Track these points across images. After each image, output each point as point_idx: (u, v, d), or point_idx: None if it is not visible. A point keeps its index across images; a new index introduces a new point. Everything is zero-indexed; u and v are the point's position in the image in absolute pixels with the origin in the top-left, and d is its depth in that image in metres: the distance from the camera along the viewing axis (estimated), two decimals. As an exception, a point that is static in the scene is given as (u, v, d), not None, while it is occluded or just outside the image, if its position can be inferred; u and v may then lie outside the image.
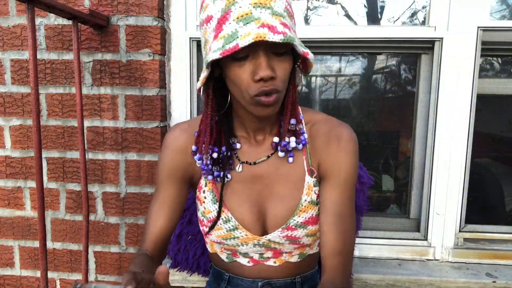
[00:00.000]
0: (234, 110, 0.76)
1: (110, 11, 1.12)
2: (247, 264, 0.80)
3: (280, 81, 0.63)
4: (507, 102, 1.30)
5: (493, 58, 1.27)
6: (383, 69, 1.31)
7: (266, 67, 0.60)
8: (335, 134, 0.74)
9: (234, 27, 0.59)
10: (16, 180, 1.23)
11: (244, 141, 0.77)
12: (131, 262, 0.67)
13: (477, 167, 1.31)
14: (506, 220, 1.43)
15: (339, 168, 0.73)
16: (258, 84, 0.62)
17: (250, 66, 0.62)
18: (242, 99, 0.66)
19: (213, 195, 0.77)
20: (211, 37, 0.63)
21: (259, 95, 0.63)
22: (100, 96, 1.16)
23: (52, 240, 1.25)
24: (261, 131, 0.76)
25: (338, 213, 0.71)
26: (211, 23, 0.63)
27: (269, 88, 0.62)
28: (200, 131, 0.74)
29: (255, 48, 0.60)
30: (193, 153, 0.76)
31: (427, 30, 1.15)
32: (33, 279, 1.28)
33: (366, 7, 1.28)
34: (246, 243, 0.76)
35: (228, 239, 0.76)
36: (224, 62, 0.64)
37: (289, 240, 0.75)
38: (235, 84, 0.65)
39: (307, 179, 0.75)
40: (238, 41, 0.57)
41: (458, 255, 1.23)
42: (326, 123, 0.76)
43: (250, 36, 0.56)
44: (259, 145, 0.77)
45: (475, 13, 1.12)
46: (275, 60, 0.62)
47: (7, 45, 1.17)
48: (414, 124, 1.25)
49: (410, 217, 1.28)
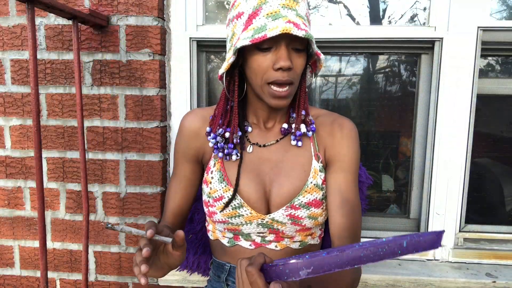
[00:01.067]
0: (248, 100, 0.83)
1: (110, 11, 1.12)
2: (249, 247, 0.82)
3: (295, 74, 0.73)
4: (507, 102, 1.30)
5: (493, 58, 1.27)
6: (383, 69, 1.31)
7: (286, 58, 0.69)
8: (338, 124, 0.82)
9: (263, 21, 0.69)
10: (16, 180, 1.23)
11: (254, 126, 0.85)
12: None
13: (477, 167, 1.31)
14: (506, 220, 1.43)
15: (343, 154, 0.80)
16: (276, 73, 0.71)
17: (272, 57, 0.71)
18: (258, 87, 0.74)
19: (220, 174, 0.81)
20: (240, 30, 0.72)
21: (273, 83, 0.72)
22: (100, 96, 1.16)
23: (52, 240, 1.24)
24: (271, 119, 0.84)
25: (344, 195, 0.78)
26: (242, 18, 0.72)
27: (285, 79, 0.71)
28: (215, 114, 0.81)
29: (279, 41, 0.70)
30: (207, 134, 0.83)
31: (427, 30, 1.15)
32: (33, 279, 1.28)
33: (368, 7, 1.27)
34: (250, 221, 0.79)
35: (233, 217, 0.79)
36: (249, 52, 0.72)
37: (292, 220, 0.78)
38: (255, 72, 0.73)
39: (314, 163, 0.80)
40: (267, 32, 0.66)
41: (458, 255, 1.23)
42: (330, 115, 0.85)
43: (277, 29, 0.66)
44: (269, 131, 0.84)
45: (475, 13, 1.12)
46: (293, 55, 0.72)
47: (7, 45, 1.17)
48: (414, 124, 1.25)
49: (410, 217, 1.28)
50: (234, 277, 0.85)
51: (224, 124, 0.80)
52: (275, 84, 0.72)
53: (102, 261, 1.24)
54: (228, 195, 0.79)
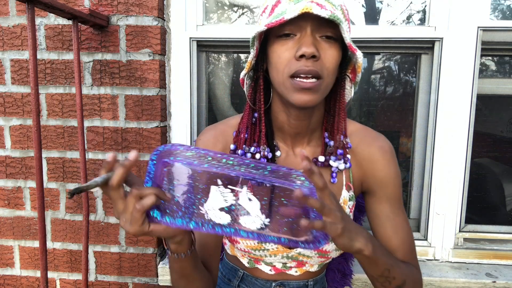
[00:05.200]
0: (272, 113, 0.72)
1: (110, 11, 1.12)
2: (269, 272, 0.78)
3: (323, 65, 0.60)
4: (507, 102, 1.30)
5: (493, 58, 1.27)
6: (383, 69, 1.31)
7: (310, 44, 0.58)
8: (377, 147, 0.73)
9: (284, 7, 0.59)
10: (16, 180, 1.23)
11: (283, 150, 0.75)
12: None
13: (477, 167, 1.31)
14: (506, 220, 1.43)
15: (386, 181, 0.72)
16: (299, 62, 0.59)
17: (294, 44, 0.60)
18: (279, 86, 0.63)
19: None
20: (263, 23, 0.63)
21: (295, 75, 0.60)
22: (100, 96, 1.16)
23: (52, 240, 1.24)
24: (299, 140, 0.73)
25: (393, 222, 0.72)
26: (266, 12, 0.64)
27: (309, 68, 0.58)
28: (240, 129, 0.72)
29: (302, 27, 0.59)
30: (231, 152, 0.73)
31: (427, 30, 1.15)
32: (33, 279, 1.28)
33: (364, 7, 1.27)
34: (275, 255, 0.74)
35: (257, 250, 0.74)
36: (271, 46, 0.63)
37: (319, 254, 0.74)
38: (276, 66, 0.62)
39: (344, 193, 0.73)
40: (285, 15, 0.57)
41: (458, 255, 1.23)
42: (366, 133, 0.75)
43: (297, 10, 0.56)
44: (297, 155, 0.74)
45: (475, 13, 1.12)
46: (322, 44, 0.60)
47: (7, 45, 1.17)
48: (414, 124, 1.25)
49: (410, 217, 1.28)
50: (247, 284, 0.81)
51: (251, 140, 0.70)
52: (298, 75, 0.60)
53: (102, 261, 1.24)
54: None
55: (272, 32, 0.63)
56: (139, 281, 1.23)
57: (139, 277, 1.23)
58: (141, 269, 1.22)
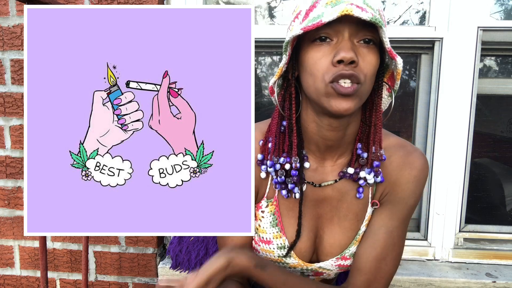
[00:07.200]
0: (302, 121, 0.68)
1: (110, 11, 1.12)
2: None
3: (362, 72, 0.57)
4: (507, 102, 1.30)
5: (493, 58, 1.27)
6: (383, 69, 1.31)
7: (349, 49, 0.55)
8: (408, 162, 0.68)
9: (321, 10, 0.56)
10: (16, 180, 1.23)
11: (312, 162, 0.70)
12: None
13: (477, 167, 1.31)
14: (506, 220, 1.43)
15: (404, 198, 0.68)
16: (337, 68, 0.56)
17: (331, 50, 0.57)
18: (315, 93, 0.59)
19: (274, 218, 0.70)
20: (297, 28, 0.59)
21: (335, 80, 0.56)
22: (100, 96, 1.16)
23: (52, 240, 1.24)
24: (331, 152, 0.68)
25: (390, 243, 0.68)
26: (299, 17, 0.60)
27: (349, 72, 0.55)
28: (267, 138, 0.68)
29: (340, 31, 0.56)
30: (259, 163, 0.69)
31: (427, 30, 1.15)
32: (33, 279, 1.28)
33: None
34: (294, 267, 0.73)
35: (277, 262, 0.73)
36: (304, 52, 0.60)
37: (339, 268, 0.73)
38: (311, 72, 0.58)
39: (369, 210, 0.71)
40: (322, 18, 0.54)
41: (458, 255, 1.23)
42: (401, 149, 0.69)
43: (336, 12, 0.53)
44: (325, 166, 0.70)
45: (475, 13, 1.12)
46: (361, 49, 0.57)
47: (7, 45, 1.17)
48: (414, 124, 1.25)
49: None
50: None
51: (280, 150, 0.66)
52: (338, 80, 0.56)
53: (102, 261, 1.24)
54: (278, 242, 0.70)
55: (305, 37, 0.60)
56: (139, 281, 1.23)
57: (139, 277, 1.23)
58: (141, 269, 1.22)
